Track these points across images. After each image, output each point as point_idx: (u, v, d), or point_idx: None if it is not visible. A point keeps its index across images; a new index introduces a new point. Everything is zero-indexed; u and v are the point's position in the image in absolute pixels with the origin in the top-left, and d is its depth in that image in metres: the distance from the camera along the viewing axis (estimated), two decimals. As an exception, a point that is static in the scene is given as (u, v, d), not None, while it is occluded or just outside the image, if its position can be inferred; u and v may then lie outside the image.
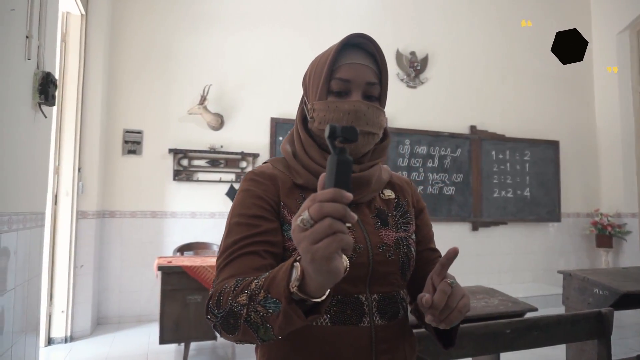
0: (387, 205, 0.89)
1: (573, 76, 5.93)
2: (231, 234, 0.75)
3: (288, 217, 0.79)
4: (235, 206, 0.80)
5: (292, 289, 0.55)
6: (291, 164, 0.85)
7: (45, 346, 3.33)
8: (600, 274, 2.44)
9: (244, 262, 0.71)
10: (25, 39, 1.87)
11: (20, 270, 1.91)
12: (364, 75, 0.82)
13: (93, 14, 3.71)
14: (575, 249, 5.73)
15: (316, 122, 0.83)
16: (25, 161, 1.95)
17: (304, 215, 0.49)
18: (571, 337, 1.65)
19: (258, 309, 0.59)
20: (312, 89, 0.84)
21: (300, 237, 0.49)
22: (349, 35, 0.83)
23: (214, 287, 0.70)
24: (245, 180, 0.83)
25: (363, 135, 0.81)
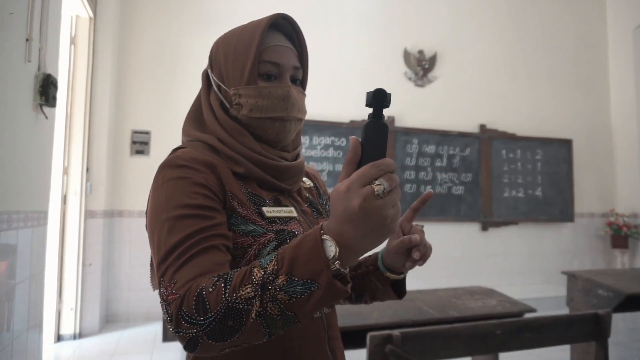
0: (311, 193, 0.88)
1: (587, 73, 5.80)
2: (176, 230, 0.63)
3: (239, 209, 0.71)
4: (171, 197, 0.66)
5: (334, 266, 0.52)
6: (223, 151, 0.75)
7: (54, 342, 3.41)
8: (605, 275, 2.38)
9: (206, 259, 0.62)
10: (26, 41, 1.91)
11: (21, 267, 1.95)
12: (290, 59, 0.79)
13: (101, 16, 3.78)
14: (589, 249, 5.60)
15: (245, 109, 0.76)
16: (26, 161, 2.00)
17: (385, 184, 0.51)
18: (567, 339, 1.61)
19: (279, 296, 0.53)
20: (234, 72, 0.77)
21: (381, 204, 0.51)
22: (274, 16, 0.79)
23: (174, 291, 0.59)
24: (174, 167, 0.69)
25: (294, 121, 0.79)
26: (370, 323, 1.72)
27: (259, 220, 0.72)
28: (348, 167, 0.54)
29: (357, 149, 0.53)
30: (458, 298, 2.08)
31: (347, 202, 0.51)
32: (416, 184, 4.90)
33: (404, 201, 4.84)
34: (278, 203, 0.77)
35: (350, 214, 0.51)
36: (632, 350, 3.52)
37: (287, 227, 0.73)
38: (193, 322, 0.55)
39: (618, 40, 5.76)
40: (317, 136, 4.63)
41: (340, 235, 0.52)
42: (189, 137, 0.80)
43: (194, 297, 0.56)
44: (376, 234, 0.52)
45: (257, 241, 0.70)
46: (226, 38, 0.81)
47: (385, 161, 0.52)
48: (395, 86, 5.00)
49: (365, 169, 0.52)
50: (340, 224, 0.52)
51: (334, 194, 0.54)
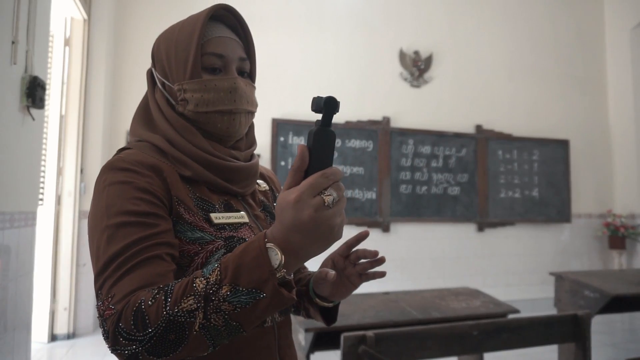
0: (265, 197, 0.86)
1: (584, 73, 5.78)
2: (116, 239, 0.60)
3: (186, 215, 0.68)
4: (112, 203, 0.62)
5: (280, 274, 0.52)
6: (170, 153, 0.72)
7: (48, 342, 3.42)
8: (593, 276, 2.37)
9: (147, 270, 0.58)
10: (11, 44, 1.93)
11: (6, 268, 1.97)
12: (236, 50, 0.76)
13: (96, 18, 3.80)
14: (586, 250, 5.57)
15: (190, 104, 0.73)
16: (12, 162, 2.02)
17: (334, 194, 0.52)
18: (546, 340, 1.61)
19: (223, 307, 0.51)
20: (176, 67, 0.74)
21: (330, 214, 0.51)
22: (214, 7, 0.76)
23: (111, 305, 0.55)
24: (116, 170, 0.66)
25: (244, 114, 0.76)
26: (351, 324, 1.72)
27: (207, 227, 0.69)
28: (295, 175, 0.53)
29: (305, 157, 0.53)
30: (442, 299, 2.09)
31: (297, 212, 0.50)
32: (412, 184, 4.90)
33: (400, 202, 4.84)
34: (229, 207, 0.74)
35: (299, 225, 0.51)
36: (628, 351, 3.51)
37: (237, 233, 0.71)
38: (132, 338, 0.53)
39: (615, 40, 5.73)
40: (312, 137, 4.63)
41: (286, 243, 0.52)
42: (136, 137, 0.77)
43: (132, 311, 0.53)
44: (323, 242, 0.53)
45: (204, 249, 0.67)
46: (167, 33, 0.78)
47: (334, 170, 0.53)
48: (391, 87, 5.01)
49: (315, 179, 0.51)
50: (287, 233, 0.52)
51: (281, 202, 0.52)
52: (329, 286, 0.78)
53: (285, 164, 4.53)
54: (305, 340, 1.74)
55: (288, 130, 4.56)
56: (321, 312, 0.83)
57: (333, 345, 1.75)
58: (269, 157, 4.48)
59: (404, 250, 4.83)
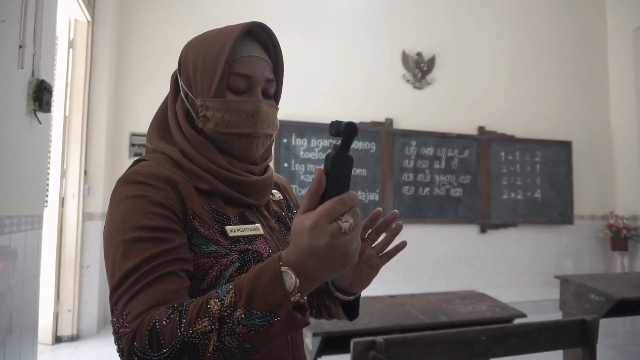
0: (280, 207, 0.85)
1: (587, 74, 5.78)
2: (131, 254, 0.60)
3: (201, 229, 0.68)
4: (127, 217, 0.63)
5: (294, 298, 0.52)
6: (186, 166, 0.72)
7: (52, 344, 3.43)
8: (598, 279, 2.37)
9: (162, 287, 0.59)
10: (19, 48, 1.93)
11: (14, 271, 1.97)
12: (263, 71, 0.75)
13: (99, 20, 3.80)
14: (589, 252, 5.58)
15: (211, 123, 0.72)
16: (19, 166, 2.02)
17: (350, 221, 0.52)
18: (553, 345, 1.61)
19: (237, 330, 0.51)
20: (202, 82, 0.73)
21: (346, 240, 0.52)
22: (248, 24, 0.74)
23: (126, 324, 0.56)
24: (131, 183, 0.66)
25: (263, 137, 0.76)
26: (358, 328, 1.73)
27: (222, 240, 0.69)
28: (312, 199, 0.53)
29: (322, 181, 0.52)
30: (448, 303, 2.09)
31: (313, 238, 0.50)
32: (414, 186, 4.90)
33: (403, 203, 4.84)
34: (244, 219, 0.74)
35: (315, 250, 0.51)
36: (630, 353, 3.51)
37: (251, 246, 0.71)
38: (146, 357, 0.53)
39: (618, 41, 5.73)
40: (315, 138, 4.64)
41: (302, 267, 0.52)
42: (152, 145, 0.77)
43: (147, 331, 0.53)
44: (338, 267, 0.53)
45: (219, 262, 0.67)
46: (197, 43, 0.76)
47: (351, 196, 0.53)
48: (394, 88, 5.01)
49: (332, 205, 0.51)
50: (303, 257, 0.52)
51: (297, 226, 0.52)
52: (348, 275, 0.78)
53: (288, 165, 4.53)
54: (312, 345, 1.74)
55: (291, 132, 4.56)
56: (343, 307, 0.83)
57: (340, 349, 1.76)
58: (273, 159, 4.47)
59: (406, 251, 4.74)
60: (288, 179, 4.48)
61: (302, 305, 0.54)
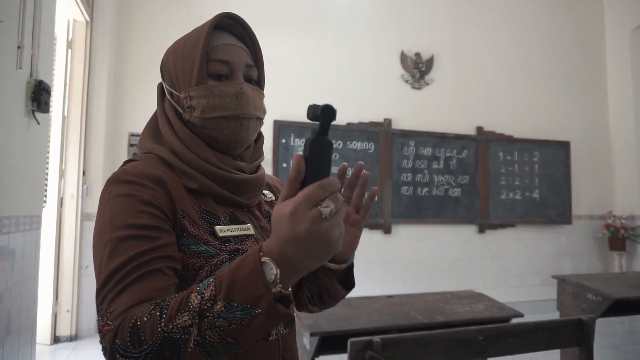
0: (271, 207, 0.84)
1: (585, 75, 5.79)
2: (118, 253, 0.60)
3: (190, 228, 0.68)
4: (115, 216, 0.63)
5: (276, 289, 0.50)
6: (176, 165, 0.72)
7: (50, 344, 3.43)
8: (595, 279, 2.38)
9: (147, 284, 0.58)
10: (17, 48, 1.94)
11: (12, 271, 1.98)
12: (242, 57, 0.76)
13: (98, 20, 3.80)
14: (587, 251, 5.59)
15: (197, 111, 0.73)
16: (18, 166, 2.02)
17: (331, 206, 0.50)
18: (550, 345, 1.62)
19: (218, 323, 0.50)
20: (183, 76, 0.74)
21: (328, 226, 0.49)
22: (218, 15, 0.76)
23: (109, 321, 0.55)
24: (120, 182, 0.66)
25: (253, 119, 0.76)
26: (356, 328, 1.73)
27: (212, 240, 0.69)
28: (291, 186, 0.51)
29: (301, 167, 0.51)
30: (446, 303, 2.09)
31: (293, 225, 0.49)
32: (413, 186, 4.91)
33: (401, 204, 4.85)
34: (234, 219, 0.74)
35: (296, 238, 0.49)
36: (627, 353, 3.53)
37: (242, 246, 0.71)
38: (128, 355, 0.52)
39: (615, 42, 5.75)
40: (314, 139, 4.63)
41: (283, 257, 0.51)
42: (143, 149, 0.77)
43: (129, 328, 0.53)
44: (321, 255, 0.51)
45: (209, 262, 0.67)
46: (174, 45, 0.79)
47: (331, 180, 0.51)
48: (392, 88, 5.02)
49: (312, 190, 0.49)
50: (284, 246, 0.50)
51: (277, 214, 0.51)
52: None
53: (287, 165, 4.53)
54: (310, 344, 1.75)
55: (289, 132, 4.57)
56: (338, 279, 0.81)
57: (338, 349, 1.76)
58: (270, 159, 4.48)
59: (405, 251, 4.84)
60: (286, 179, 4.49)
61: (285, 297, 0.53)
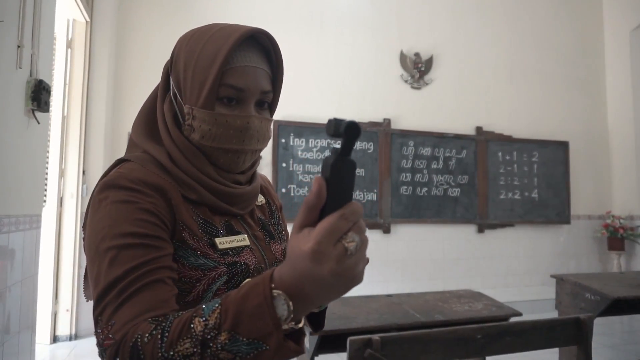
0: (262, 212, 0.82)
1: (584, 75, 5.80)
2: (119, 262, 0.57)
3: (190, 241, 0.65)
4: (115, 223, 0.59)
5: (287, 326, 0.46)
6: (174, 172, 0.68)
7: (50, 344, 3.43)
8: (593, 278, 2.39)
9: (150, 295, 0.55)
10: (17, 48, 1.94)
11: (12, 270, 1.98)
12: (259, 83, 0.70)
13: (98, 20, 3.81)
14: (586, 251, 5.60)
15: (197, 134, 0.69)
16: (18, 166, 2.03)
17: (356, 240, 0.44)
18: (548, 343, 1.63)
19: (221, 355, 0.47)
20: (191, 87, 0.69)
21: (353, 263, 0.44)
22: (247, 31, 0.68)
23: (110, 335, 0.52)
24: (118, 188, 0.62)
25: (250, 152, 0.73)
26: (355, 327, 1.74)
27: (211, 253, 0.67)
28: (310, 214, 0.45)
29: (322, 193, 0.44)
30: (445, 302, 2.10)
31: (315, 265, 0.43)
32: (412, 186, 4.92)
33: (401, 203, 4.86)
34: (230, 229, 0.72)
35: (317, 278, 0.44)
36: (626, 352, 3.53)
37: (239, 258, 0.69)
38: None
39: (615, 42, 5.76)
40: (313, 138, 4.65)
41: (298, 291, 0.46)
42: (137, 142, 0.73)
43: (129, 347, 0.50)
44: (342, 291, 0.46)
45: (206, 275, 0.65)
46: (192, 41, 0.71)
47: (354, 207, 0.45)
48: (392, 88, 5.02)
49: (335, 222, 0.43)
50: (301, 282, 0.45)
51: (295, 248, 0.45)
52: None
53: (286, 165, 4.54)
54: (309, 344, 1.75)
55: (289, 132, 4.57)
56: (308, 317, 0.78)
57: (337, 348, 1.77)
58: (270, 159, 4.49)
59: (404, 251, 4.85)
60: (286, 179, 4.50)
61: (296, 331, 0.49)
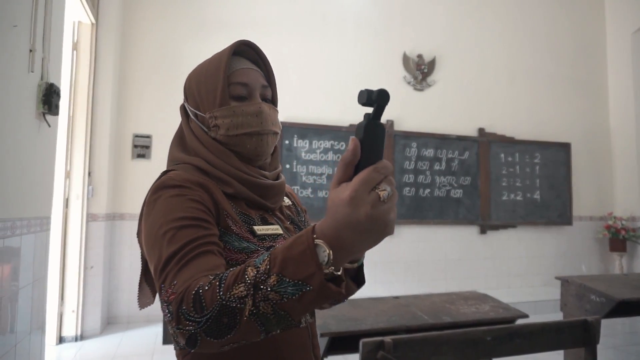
0: (290, 211, 0.93)
1: (586, 77, 5.83)
2: (176, 239, 0.66)
3: (233, 227, 0.75)
4: (166, 212, 0.70)
5: (328, 270, 0.53)
6: (212, 173, 0.80)
7: (56, 344, 3.45)
8: (598, 280, 2.41)
9: (203, 261, 0.64)
10: (29, 52, 1.96)
11: (24, 272, 2.00)
12: (258, 79, 0.85)
13: (103, 22, 3.82)
14: (588, 252, 5.63)
15: (222, 129, 0.81)
16: (29, 169, 2.04)
17: (388, 189, 0.51)
18: (556, 345, 1.65)
19: (271, 296, 0.54)
20: (207, 98, 0.83)
21: (386, 209, 0.51)
22: (236, 43, 0.85)
23: (172, 292, 0.60)
24: (169, 187, 0.73)
25: (270, 135, 0.84)
26: (365, 328, 1.76)
27: (251, 237, 0.76)
28: (346, 169, 0.53)
29: (357, 151, 0.52)
30: (452, 303, 2.12)
31: (353, 210, 0.50)
32: (415, 187, 4.94)
33: (404, 204, 4.88)
34: (265, 221, 0.82)
35: (355, 222, 0.50)
36: (629, 353, 3.56)
37: (275, 243, 0.78)
38: (191, 319, 0.56)
39: (616, 44, 5.78)
40: (317, 140, 4.67)
41: (337, 240, 0.52)
42: (176, 160, 0.84)
43: (192, 295, 0.57)
44: (377, 237, 0.53)
45: (250, 257, 0.74)
46: (196, 70, 0.87)
47: (385, 163, 0.53)
48: (395, 90, 5.04)
49: (369, 174, 0.51)
50: (340, 230, 0.51)
51: (335, 198, 0.52)
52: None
53: (290, 167, 4.56)
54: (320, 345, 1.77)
55: (292, 133, 4.59)
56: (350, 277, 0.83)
57: (347, 349, 1.79)
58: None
59: (407, 252, 4.87)
60: (290, 181, 4.52)
61: (337, 277, 0.56)
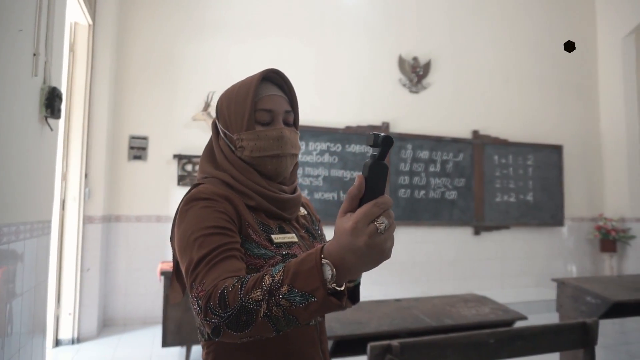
0: (306, 220, 1.02)
1: (578, 80, 5.92)
2: (206, 244, 0.77)
3: (253, 235, 0.85)
4: (197, 221, 0.81)
5: (331, 286, 0.61)
6: (236, 187, 0.90)
7: (53, 347, 3.43)
8: (594, 282, 2.46)
9: (229, 264, 0.75)
10: (33, 56, 1.96)
11: (27, 277, 1.99)
12: (282, 105, 0.94)
13: (100, 23, 3.81)
14: (579, 253, 5.72)
15: (247, 150, 0.91)
16: (32, 173, 2.04)
17: (385, 222, 0.59)
18: (556, 347, 1.69)
19: (282, 302, 0.63)
20: (235, 121, 0.92)
21: (382, 239, 0.59)
22: (265, 71, 0.93)
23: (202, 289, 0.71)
24: (198, 200, 0.84)
25: (289, 156, 0.93)
26: (369, 332, 1.79)
27: (269, 245, 0.86)
28: (352, 202, 0.62)
29: (362, 187, 0.61)
30: (452, 306, 2.16)
31: (353, 238, 0.59)
32: (410, 189, 4.98)
33: (399, 206, 4.92)
34: (282, 230, 0.91)
35: (355, 249, 0.59)
36: (620, 353, 3.63)
37: (291, 250, 0.88)
38: (216, 314, 0.67)
39: (607, 48, 5.89)
40: (313, 142, 4.69)
41: (341, 261, 0.61)
42: (205, 173, 0.95)
43: (218, 294, 0.67)
44: (374, 262, 0.61)
45: (267, 263, 0.84)
46: (227, 93, 0.96)
47: (385, 199, 0.61)
48: (390, 92, 5.08)
49: (369, 208, 0.60)
50: (343, 253, 0.61)
51: (340, 227, 0.61)
52: None
53: (286, 168, 4.57)
54: (324, 348, 1.79)
55: (289, 135, 4.60)
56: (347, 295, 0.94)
57: (352, 352, 1.81)
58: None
59: (402, 253, 4.91)
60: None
61: (338, 292, 0.64)
